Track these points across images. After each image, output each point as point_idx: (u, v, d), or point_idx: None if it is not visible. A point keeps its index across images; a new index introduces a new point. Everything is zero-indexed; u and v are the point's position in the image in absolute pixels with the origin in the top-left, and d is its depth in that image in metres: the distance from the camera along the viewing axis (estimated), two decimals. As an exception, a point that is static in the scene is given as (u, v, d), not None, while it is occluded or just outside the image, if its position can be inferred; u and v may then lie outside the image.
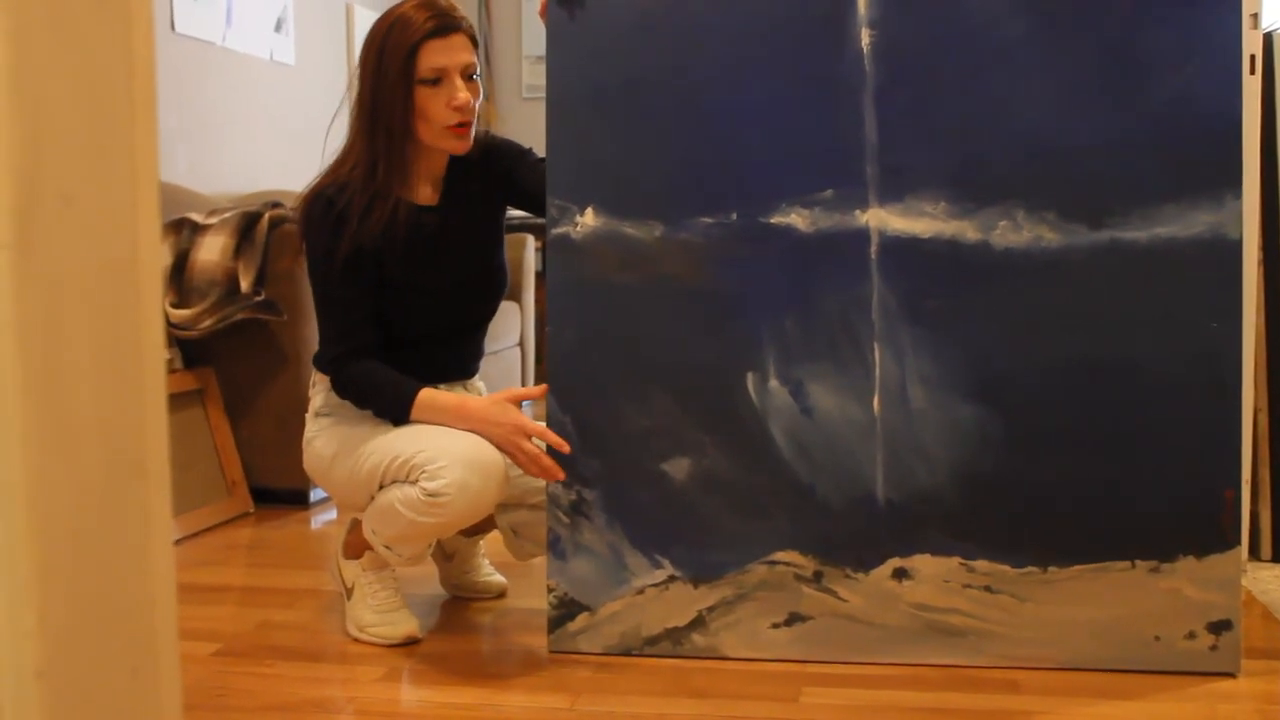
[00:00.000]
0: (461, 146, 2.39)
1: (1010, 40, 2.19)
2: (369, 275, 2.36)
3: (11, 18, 0.65)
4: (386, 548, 2.35)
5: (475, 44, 2.40)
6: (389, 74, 2.31)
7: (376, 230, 2.33)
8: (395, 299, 2.40)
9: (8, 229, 0.64)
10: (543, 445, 2.30)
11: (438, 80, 2.32)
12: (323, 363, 2.43)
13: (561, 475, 2.29)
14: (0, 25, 0.65)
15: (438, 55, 2.31)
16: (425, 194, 2.45)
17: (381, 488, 2.31)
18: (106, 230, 0.71)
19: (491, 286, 2.55)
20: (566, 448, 2.29)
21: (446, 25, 2.33)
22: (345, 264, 2.33)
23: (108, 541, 0.73)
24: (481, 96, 2.40)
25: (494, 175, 2.51)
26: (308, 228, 2.38)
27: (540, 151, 2.44)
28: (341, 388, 2.39)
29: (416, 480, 2.23)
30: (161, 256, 3.71)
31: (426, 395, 2.33)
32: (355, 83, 2.41)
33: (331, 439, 2.42)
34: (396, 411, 2.34)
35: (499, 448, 2.28)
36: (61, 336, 0.68)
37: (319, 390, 2.49)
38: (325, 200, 2.35)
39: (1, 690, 0.68)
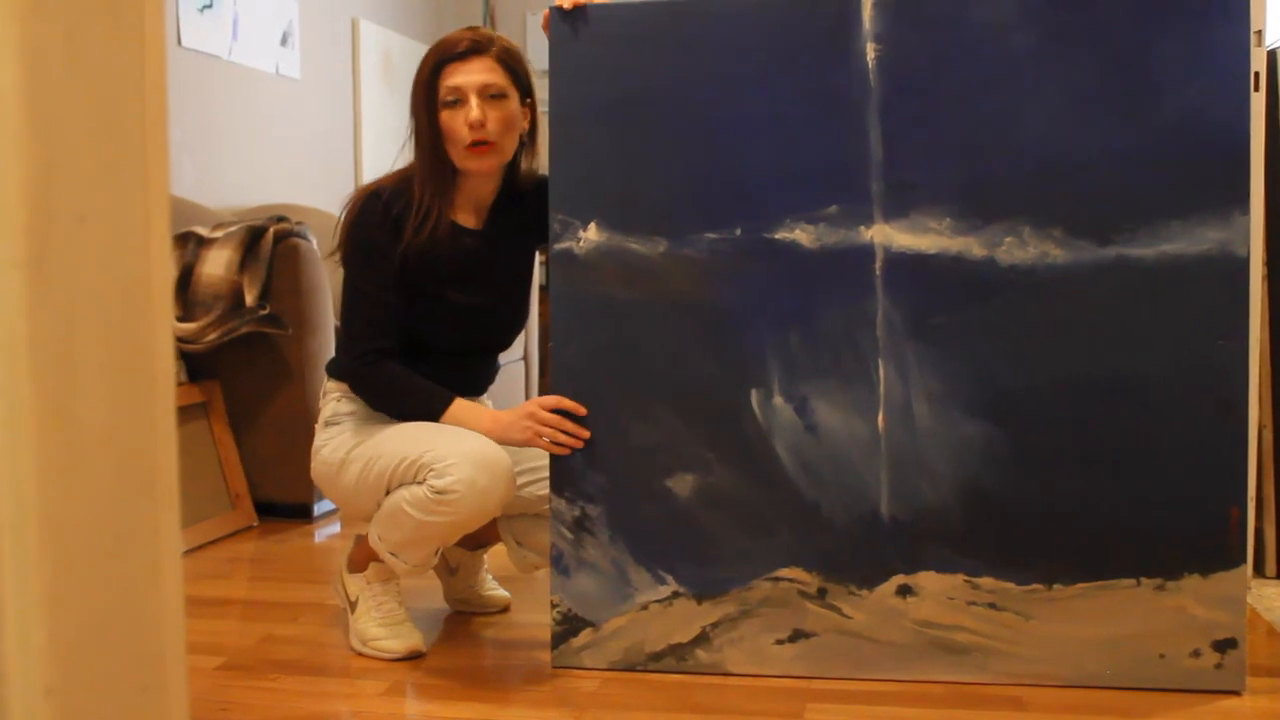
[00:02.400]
0: (479, 165, 2.39)
1: (1016, 55, 2.19)
2: (406, 282, 2.39)
3: (25, 38, 0.66)
4: (392, 554, 2.35)
5: (509, 67, 2.40)
6: (418, 100, 2.39)
7: (421, 241, 2.36)
8: (422, 311, 2.41)
9: (21, 248, 0.64)
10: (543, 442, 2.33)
11: (457, 101, 2.35)
12: (348, 358, 2.43)
13: (587, 434, 2.30)
14: (14, 45, 0.65)
15: (454, 77, 2.36)
16: (468, 217, 2.48)
17: (389, 492, 2.31)
18: (119, 249, 0.71)
19: (514, 317, 2.59)
20: (582, 410, 2.30)
21: (469, 49, 2.37)
22: (389, 265, 2.36)
23: (118, 560, 0.73)
24: (516, 118, 2.41)
25: (535, 211, 2.49)
26: (356, 224, 2.41)
27: None
28: (367, 386, 2.41)
29: (424, 480, 2.24)
30: (167, 270, 3.72)
31: (460, 405, 2.38)
32: None
33: (339, 447, 2.42)
34: (427, 414, 2.38)
35: (528, 444, 2.33)
36: (74, 356, 0.68)
37: (329, 400, 2.49)
38: (381, 202, 2.39)
39: (11, 707, 0.68)
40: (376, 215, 2.38)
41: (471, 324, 2.49)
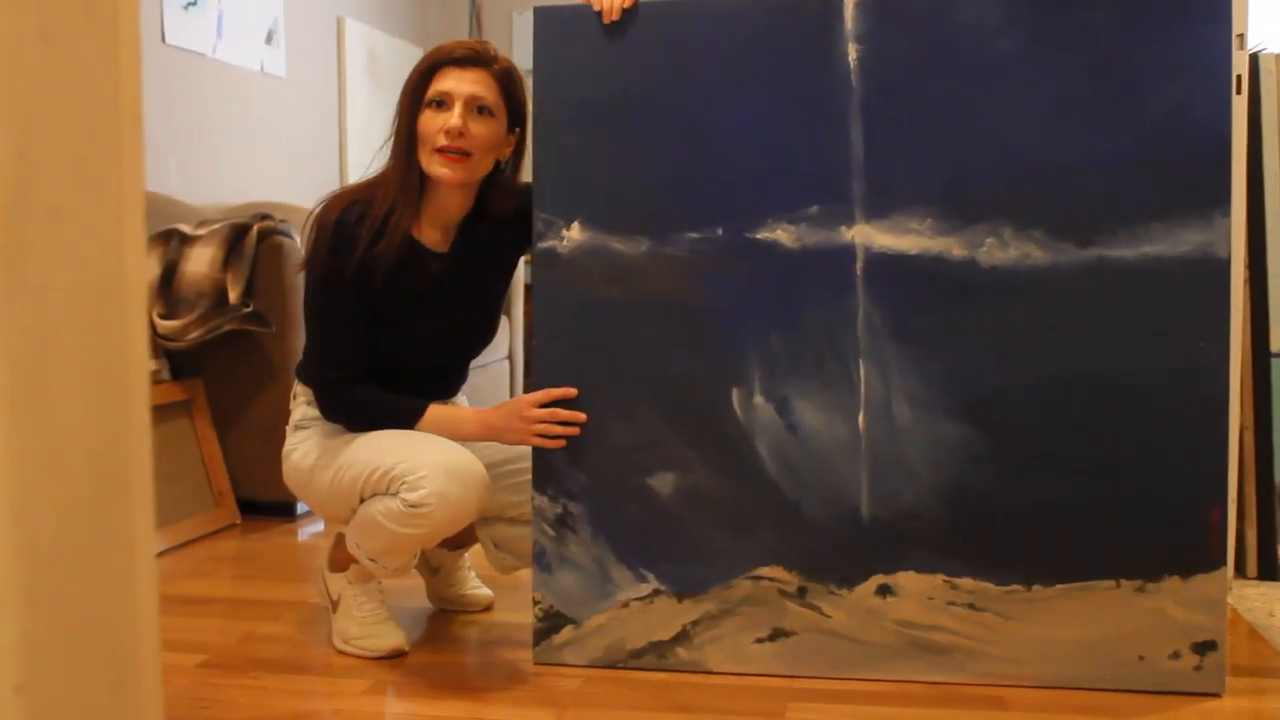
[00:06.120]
0: (448, 175, 2.31)
1: (999, 57, 2.20)
2: (371, 308, 2.35)
3: (-1, 32, 0.65)
4: (371, 560, 2.35)
5: (506, 89, 2.35)
6: (404, 96, 2.34)
7: (384, 256, 2.30)
8: (390, 334, 2.39)
9: (-7, 243, 0.64)
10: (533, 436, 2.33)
11: (441, 104, 2.31)
12: (313, 382, 2.42)
13: (583, 417, 2.30)
14: (-12, 39, 0.65)
15: (446, 80, 2.31)
16: (435, 238, 2.41)
17: (362, 500, 2.31)
18: (93, 245, 0.71)
19: (484, 333, 2.56)
20: (572, 392, 2.31)
21: (468, 58, 2.32)
22: (350, 293, 2.32)
23: (91, 556, 0.73)
24: (497, 141, 2.34)
25: (510, 218, 2.45)
26: (317, 245, 2.34)
27: None
28: (338, 413, 2.39)
29: (397, 492, 2.23)
30: (150, 267, 3.69)
31: (436, 411, 2.38)
32: None
33: (310, 451, 2.41)
34: (403, 429, 2.37)
35: (523, 443, 2.33)
36: (47, 351, 0.68)
37: (299, 403, 2.48)
38: (342, 225, 2.31)
39: (-18, 704, 0.68)
40: (337, 241, 2.31)
41: (439, 345, 2.47)
